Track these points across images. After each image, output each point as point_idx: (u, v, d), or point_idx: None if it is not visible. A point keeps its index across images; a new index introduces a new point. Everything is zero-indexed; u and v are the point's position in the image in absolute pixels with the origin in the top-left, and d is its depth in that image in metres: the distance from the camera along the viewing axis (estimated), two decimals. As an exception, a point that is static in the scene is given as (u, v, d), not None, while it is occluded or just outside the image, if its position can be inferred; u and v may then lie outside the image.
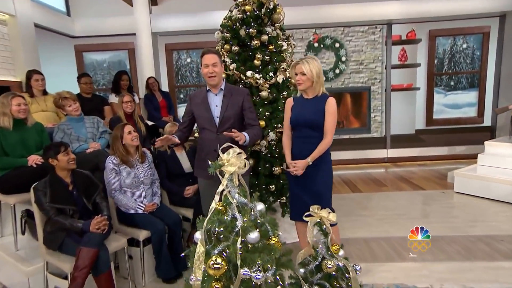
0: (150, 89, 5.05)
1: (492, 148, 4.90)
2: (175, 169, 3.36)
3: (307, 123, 2.49)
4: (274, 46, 3.58)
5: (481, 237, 3.40)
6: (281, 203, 3.69)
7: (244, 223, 1.34)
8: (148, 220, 2.85)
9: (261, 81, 3.48)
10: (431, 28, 6.77)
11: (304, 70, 2.43)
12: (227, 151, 1.41)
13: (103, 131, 3.58)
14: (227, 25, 3.64)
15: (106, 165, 2.91)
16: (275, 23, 3.67)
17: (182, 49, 7.05)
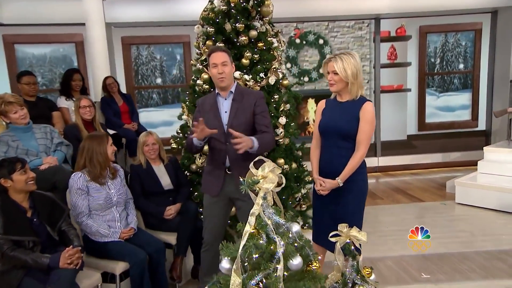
0: (108, 91, 4.89)
1: (492, 154, 5.22)
2: (152, 186, 3.27)
3: (337, 131, 2.43)
4: (264, 43, 3.63)
5: (494, 253, 3.59)
6: (275, 223, 3.71)
7: (287, 247, 1.33)
8: (125, 249, 2.75)
9: (251, 83, 3.50)
10: (421, 24, 7.14)
11: (336, 68, 2.32)
12: (262, 166, 1.40)
13: (59, 142, 3.42)
14: (208, 18, 3.64)
15: (71, 184, 2.77)
16: (264, 17, 3.72)
17: (142, 44, 6.92)
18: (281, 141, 3.65)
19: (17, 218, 2.34)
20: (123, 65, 6.78)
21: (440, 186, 5.82)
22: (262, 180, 1.39)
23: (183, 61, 7.07)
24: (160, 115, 7.01)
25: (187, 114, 3.77)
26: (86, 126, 3.70)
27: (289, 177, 3.66)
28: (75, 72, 4.66)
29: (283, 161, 3.55)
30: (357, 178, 2.45)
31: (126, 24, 6.15)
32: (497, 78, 6.75)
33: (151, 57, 7.06)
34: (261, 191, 1.40)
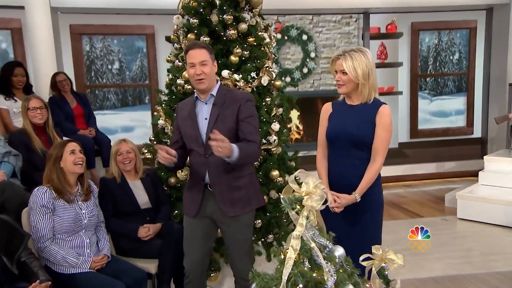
0: (58, 89, 4.73)
1: (493, 164, 5.49)
2: (127, 204, 3.18)
3: (349, 139, 2.40)
4: (255, 38, 3.63)
5: (508, 274, 3.74)
6: (267, 243, 3.69)
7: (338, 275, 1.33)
8: (99, 281, 2.63)
9: (242, 84, 3.49)
10: (413, 21, 7.43)
11: (345, 67, 2.30)
12: (306, 180, 1.39)
13: (5, 152, 3.31)
14: (190, 7, 3.61)
15: (33, 201, 2.64)
16: (253, 8, 3.73)
17: (96, 34, 6.78)
18: (274, 150, 3.65)
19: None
20: (72, 59, 6.60)
21: (437, 199, 6.04)
22: (307, 197, 1.38)
23: (147, 56, 6.98)
24: (118, 120, 6.87)
25: (165, 119, 3.69)
26: (37, 131, 3.58)
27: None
28: (17, 65, 4.46)
29: (277, 173, 3.54)
30: (374, 192, 2.45)
31: (76, 10, 5.96)
32: (493, 80, 7.12)
33: (107, 50, 6.93)
34: (304, 209, 1.38)
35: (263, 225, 3.55)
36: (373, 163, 2.37)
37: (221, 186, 2.52)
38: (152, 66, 7.02)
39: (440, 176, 7.11)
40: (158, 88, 7.02)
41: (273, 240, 3.70)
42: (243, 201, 2.58)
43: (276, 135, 3.65)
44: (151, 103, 7.08)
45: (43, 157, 3.50)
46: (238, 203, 2.55)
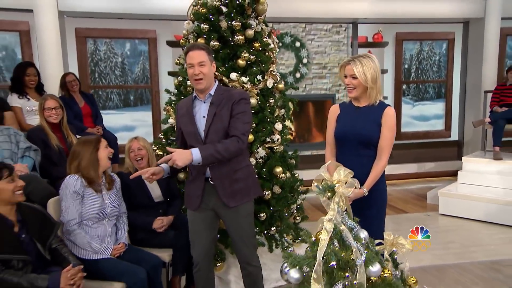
0: (67, 89, 4.74)
1: (470, 164, 5.66)
2: (141, 198, 3.24)
3: (358, 139, 2.46)
4: (260, 43, 3.71)
5: (488, 264, 3.91)
6: (269, 235, 3.76)
7: (368, 254, 1.42)
8: (120, 267, 2.67)
9: (248, 86, 3.56)
10: (398, 31, 7.60)
11: (356, 72, 2.35)
12: (337, 170, 1.48)
13: (27, 147, 3.32)
14: (200, 13, 3.66)
15: (65, 187, 2.69)
16: (259, 16, 3.81)
17: (100, 37, 6.74)
18: (277, 148, 3.72)
19: (4, 233, 2.22)
20: (77, 61, 6.56)
21: (419, 197, 6.22)
22: (338, 185, 1.46)
23: (148, 59, 6.97)
24: (120, 119, 6.83)
25: (174, 118, 3.74)
26: (53, 128, 3.59)
27: (285, 187, 3.74)
28: (29, 66, 4.46)
29: (281, 169, 3.61)
30: (379, 187, 2.53)
31: (82, 14, 5.94)
32: (469, 88, 7.34)
33: (110, 53, 6.90)
34: (336, 195, 1.47)
35: (266, 218, 3.61)
36: (379, 160, 2.44)
37: (222, 180, 2.55)
38: (153, 68, 7.00)
39: (421, 175, 7.30)
40: (159, 89, 7.10)
41: (275, 232, 3.76)
42: (243, 192, 2.61)
43: (279, 134, 3.74)
44: (152, 104, 7.07)
45: (59, 153, 3.54)
46: (238, 194, 2.59)
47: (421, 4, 6.80)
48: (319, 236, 1.49)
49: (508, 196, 5.05)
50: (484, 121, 5.85)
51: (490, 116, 5.70)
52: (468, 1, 6.95)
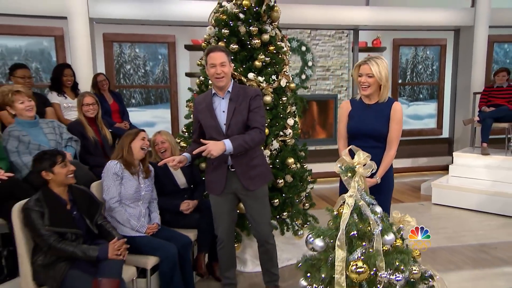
0: (98, 88, 4.83)
1: (460, 159, 5.74)
2: (168, 185, 3.33)
3: (371, 133, 2.51)
4: (275, 46, 3.81)
5: (477, 246, 4.03)
6: (281, 220, 3.87)
7: (384, 225, 1.53)
8: (155, 243, 2.80)
9: (264, 85, 3.67)
10: (395, 37, 7.68)
11: (373, 71, 2.40)
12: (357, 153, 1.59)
13: (69, 138, 3.41)
14: (220, 19, 3.76)
15: (107, 170, 2.84)
16: (273, 22, 3.91)
17: (125, 42, 6.82)
18: (288, 141, 3.83)
19: (59, 210, 2.35)
20: (104, 63, 6.65)
21: (414, 188, 6.32)
22: (358, 166, 1.57)
23: (168, 62, 7.06)
24: (142, 116, 6.90)
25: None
26: (89, 122, 3.69)
27: (296, 176, 3.85)
28: (66, 67, 4.55)
29: (292, 160, 3.72)
30: (388, 175, 2.60)
31: (110, 21, 6.05)
32: (460, 90, 7.42)
33: (134, 55, 6.98)
34: (356, 175, 1.58)
35: (279, 204, 3.72)
36: (389, 151, 2.53)
37: (241, 166, 2.65)
38: (172, 70, 7.07)
39: (414, 169, 7.40)
40: (177, 89, 7.20)
41: (287, 217, 3.87)
42: (260, 176, 2.73)
43: (291, 128, 3.84)
44: (171, 102, 7.15)
45: (94, 144, 3.64)
46: (256, 178, 2.71)
47: (416, 13, 6.90)
48: (341, 210, 1.60)
49: (494, 187, 5.15)
50: (473, 120, 5.93)
51: (479, 115, 5.77)
52: (459, 11, 7.04)
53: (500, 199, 5.00)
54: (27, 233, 2.31)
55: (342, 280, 1.48)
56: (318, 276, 1.61)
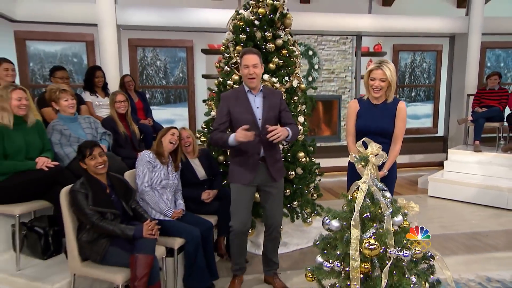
0: (125, 88, 4.92)
1: (455, 155, 5.78)
2: (190, 177, 3.37)
3: (379, 131, 2.52)
4: (287, 50, 3.88)
5: (470, 234, 4.09)
6: (292, 208, 3.95)
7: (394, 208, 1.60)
8: (181, 227, 2.88)
9: (278, 85, 3.74)
10: (395, 43, 7.71)
11: (388, 75, 2.43)
12: (370, 145, 1.66)
13: (103, 132, 3.49)
14: (238, 26, 3.83)
15: (141, 158, 2.95)
16: (286, 28, 3.97)
17: (148, 46, 6.91)
18: (299, 137, 3.90)
19: (100, 193, 2.44)
20: (129, 65, 6.75)
21: (411, 182, 6.37)
22: (371, 156, 1.65)
23: (186, 64, 7.14)
24: (163, 114, 6.99)
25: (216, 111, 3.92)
26: (120, 118, 3.76)
27: (306, 169, 3.92)
28: (97, 69, 4.64)
29: (303, 154, 3.80)
30: (393, 168, 2.64)
31: (135, 27, 6.16)
32: (454, 92, 7.44)
33: (155, 59, 7.06)
34: (369, 164, 1.65)
35: (290, 194, 3.79)
36: (394, 146, 2.56)
37: (271, 158, 2.68)
38: (190, 72, 7.16)
39: (412, 165, 7.44)
40: (194, 89, 7.28)
41: (297, 206, 3.95)
42: (281, 169, 2.81)
43: (301, 125, 3.91)
44: (188, 101, 7.24)
45: (124, 138, 3.70)
46: (280, 171, 2.78)
47: (414, 20, 6.93)
48: (355, 195, 1.67)
49: (486, 181, 5.20)
50: (467, 120, 5.96)
51: (472, 115, 5.80)
52: (454, 19, 7.06)
53: (491, 192, 5.06)
54: (72, 213, 2.42)
55: (357, 255, 1.56)
56: (333, 253, 1.69)
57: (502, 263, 3.40)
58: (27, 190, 2.72)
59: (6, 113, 2.71)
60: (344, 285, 1.63)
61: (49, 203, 2.79)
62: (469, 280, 3.09)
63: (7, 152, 2.69)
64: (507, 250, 3.70)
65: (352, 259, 1.55)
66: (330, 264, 1.66)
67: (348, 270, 1.60)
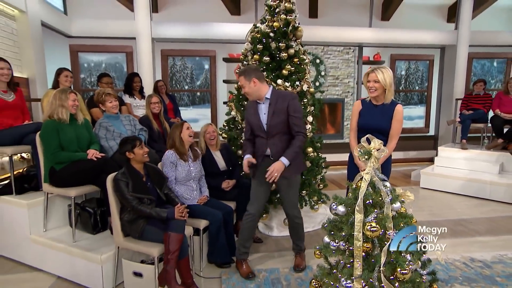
0: (158, 91, 4.97)
1: (444, 152, 5.70)
2: (212, 168, 3.36)
3: (377, 129, 2.48)
4: (298, 59, 3.86)
5: (456, 221, 4.04)
6: (301, 196, 3.94)
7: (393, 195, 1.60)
8: (205, 210, 2.90)
9: (290, 89, 3.73)
10: (392, 53, 7.62)
11: (378, 78, 2.42)
12: (373, 140, 1.66)
13: (140, 128, 3.53)
14: (255, 37, 3.83)
15: (165, 158, 2.93)
16: (297, 39, 3.95)
17: (177, 55, 6.97)
18: (308, 134, 3.88)
19: (138, 181, 2.49)
20: (161, 72, 6.83)
21: (405, 175, 6.29)
22: (373, 150, 1.64)
23: (209, 71, 7.18)
24: (189, 114, 7.06)
25: (236, 111, 3.93)
26: (154, 117, 3.82)
27: (313, 162, 3.91)
28: (135, 75, 4.68)
29: (311, 149, 3.78)
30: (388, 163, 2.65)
31: (166, 40, 6.23)
32: (444, 96, 7.32)
33: (183, 66, 7.12)
34: (372, 157, 1.65)
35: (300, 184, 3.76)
36: (390, 143, 2.53)
37: (278, 156, 2.58)
38: (212, 78, 7.20)
39: (405, 160, 7.36)
40: (216, 93, 7.32)
41: (305, 195, 3.93)
42: (293, 167, 2.62)
43: (310, 124, 3.89)
44: (211, 103, 7.28)
45: (157, 134, 3.75)
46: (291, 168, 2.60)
47: (409, 33, 6.84)
48: (359, 184, 1.67)
49: (471, 175, 5.11)
50: (455, 121, 5.86)
51: (460, 117, 5.70)
52: (445, 32, 6.94)
53: (475, 185, 4.97)
54: (116, 197, 2.47)
55: (360, 236, 1.56)
56: (339, 234, 1.69)
57: (484, 246, 3.36)
58: (80, 176, 2.79)
59: (64, 109, 2.80)
60: (348, 262, 1.64)
61: (97, 188, 2.86)
62: (455, 260, 3.06)
63: (62, 144, 2.77)
64: (488, 234, 3.65)
65: (356, 239, 1.56)
66: (336, 244, 1.67)
67: (352, 249, 1.61)
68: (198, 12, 6.64)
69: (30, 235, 2.94)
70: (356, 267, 1.54)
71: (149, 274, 2.43)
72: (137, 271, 2.49)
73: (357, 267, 1.54)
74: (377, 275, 1.54)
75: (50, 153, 2.74)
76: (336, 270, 1.75)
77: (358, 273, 1.54)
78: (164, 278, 2.32)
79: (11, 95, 3.19)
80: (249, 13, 6.90)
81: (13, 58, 4.38)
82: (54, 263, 2.83)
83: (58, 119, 2.76)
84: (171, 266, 2.30)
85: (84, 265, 2.65)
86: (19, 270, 2.93)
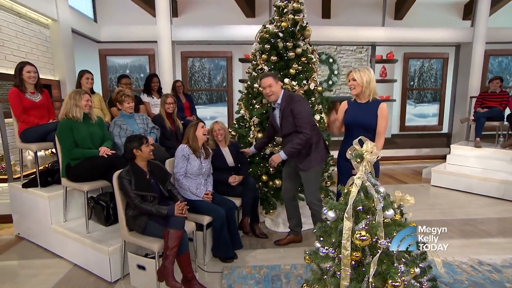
0: (176, 91, 4.90)
1: (457, 150, 5.30)
2: (220, 163, 3.27)
3: (361, 125, 2.44)
4: (306, 58, 3.65)
5: (466, 220, 3.70)
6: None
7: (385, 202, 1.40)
8: (209, 206, 2.80)
9: (297, 88, 3.54)
10: (405, 51, 7.19)
11: (355, 77, 2.40)
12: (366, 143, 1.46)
13: (152, 127, 3.47)
14: (264, 37, 3.65)
15: (178, 151, 2.88)
16: (305, 39, 3.74)
17: (196, 57, 6.91)
18: (315, 132, 3.67)
19: (141, 179, 2.40)
20: (181, 72, 6.79)
21: (416, 173, 5.92)
22: (366, 153, 1.44)
23: (226, 71, 7.07)
24: (207, 112, 7.02)
25: (244, 110, 3.79)
26: (167, 116, 3.73)
27: (320, 159, 3.70)
28: (154, 76, 4.64)
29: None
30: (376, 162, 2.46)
31: (186, 42, 6.15)
32: (458, 94, 6.82)
33: (202, 67, 7.05)
34: (364, 161, 1.45)
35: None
36: (377, 141, 2.41)
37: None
38: (229, 77, 7.10)
39: (418, 158, 6.95)
40: (233, 91, 7.20)
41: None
42: (307, 162, 2.78)
43: (317, 122, 3.68)
44: (228, 101, 7.19)
45: (170, 132, 3.67)
46: (302, 163, 2.78)
47: (423, 32, 6.38)
48: (350, 189, 1.48)
49: (484, 174, 4.71)
50: (469, 119, 5.44)
51: (474, 115, 5.29)
52: (460, 30, 6.43)
53: (488, 183, 4.57)
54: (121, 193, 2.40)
55: (348, 245, 1.37)
56: (329, 240, 1.51)
57: (494, 248, 3.04)
58: (92, 172, 2.75)
59: (78, 109, 2.79)
60: (338, 269, 1.45)
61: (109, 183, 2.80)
62: (462, 263, 2.78)
63: (77, 141, 2.75)
64: (499, 236, 3.32)
65: (343, 248, 1.37)
66: (326, 250, 1.49)
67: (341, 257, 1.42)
68: (215, 15, 6.50)
69: (52, 225, 2.97)
70: (343, 276, 1.35)
71: (151, 267, 2.36)
72: (141, 264, 2.41)
73: (344, 276, 1.35)
74: (366, 286, 1.35)
75: (66, 149, 2.74)
76: (326, 276, 1.57)
77: (345, 283, 1.35)
78: (162, 273, 2.22)
79: (38, 96, 3.21)
80: (263, 15, 6.70)
81: (46, 63, 4.46)
82: (71, 252, 2.85)
83: (72, 117, 2.75)
84: (169, 261, 2.20)
85: (94, 255, 2.62)
86: (44, 256, 2.98)
